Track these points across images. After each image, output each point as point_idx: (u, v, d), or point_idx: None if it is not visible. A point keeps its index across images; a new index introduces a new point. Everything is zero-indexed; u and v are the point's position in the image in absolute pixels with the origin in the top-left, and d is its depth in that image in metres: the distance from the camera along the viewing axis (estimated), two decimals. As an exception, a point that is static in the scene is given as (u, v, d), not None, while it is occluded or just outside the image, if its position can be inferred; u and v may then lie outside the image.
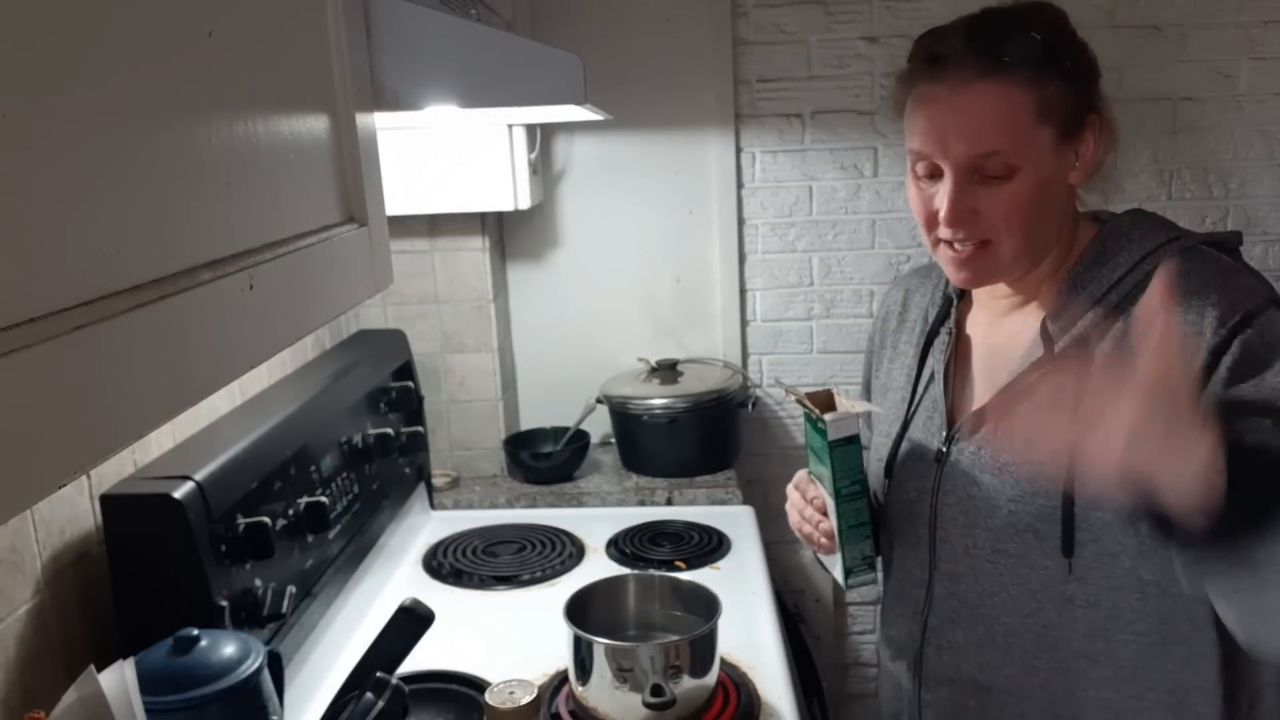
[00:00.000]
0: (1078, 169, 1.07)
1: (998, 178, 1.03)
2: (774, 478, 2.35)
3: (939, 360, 1.20)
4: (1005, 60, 1.01)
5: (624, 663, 1.20)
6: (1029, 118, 1.02)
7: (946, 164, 1.04)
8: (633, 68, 2.12)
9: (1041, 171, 1.04)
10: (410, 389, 1.81)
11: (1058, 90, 1.03)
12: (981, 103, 1.02)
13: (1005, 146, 1.02)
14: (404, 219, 1.96)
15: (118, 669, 0.82)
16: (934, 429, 1.17)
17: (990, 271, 1.10)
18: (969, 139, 1.02)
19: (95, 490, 1.08)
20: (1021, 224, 1.05)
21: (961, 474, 1.13)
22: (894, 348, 1.29)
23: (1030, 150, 1.03)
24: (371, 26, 0.84)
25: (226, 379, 0.54)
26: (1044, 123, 1.03)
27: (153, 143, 0.48)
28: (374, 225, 0.79)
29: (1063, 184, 1.07)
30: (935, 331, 1.22)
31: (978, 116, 1.02)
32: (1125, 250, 1.07)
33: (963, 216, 1.05)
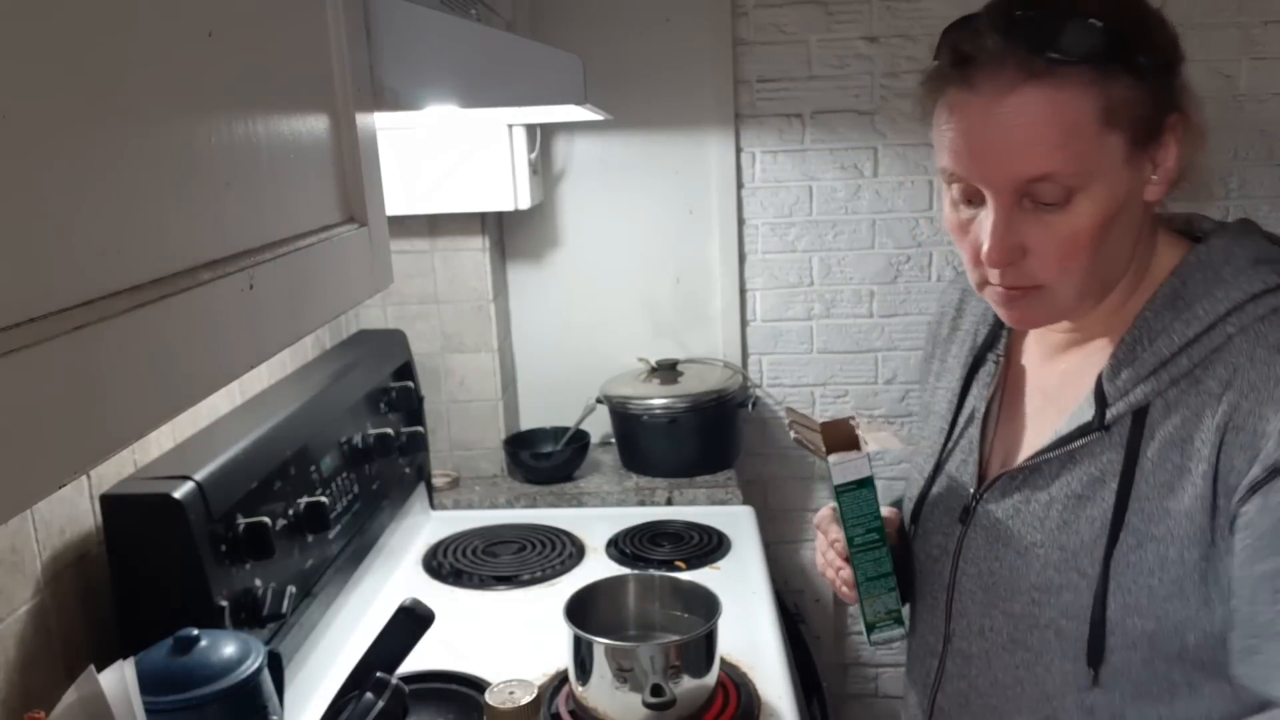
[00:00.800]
0: (1156, 182, 0.85)
1: (1052, 204, 0.82)
2: (774, 478, 2.35)
3: (981, 396, 1.02)
4: (1056, 57, 0.79)
5: (624, 663, 1.20)
6: (1091, 128, 0.80)
7: (988, 191, 0.83)
8: (633, 68, 2.12)
9: (1110, 193, 0.82)
10: (410, 389, 1.81)
11: (1128, 89, 0.80)
12: (1029, 114, 0.80)
13: (1063, 168, 0.80)
14: (404, 219, 1.96)
15: (118, 669, 0.82)
16: (966, 478, 1.00)
17: (1046, 316, 0.90)
18: (1015, 161, 0.81)
19: (95, 490, 1.08)
20: (1083, 262, 0.84)
21: (986, 541, 0.95)
22: (942, 361, 1.11)
23: (1094, 168, 0.81)
24: (371, 26, 0.84)
25: (226, 379, 0.54)
26: (1111, 131, 0.80)
27: (153, 143, 0.48)
28: (374, 225, 0.79)
29: (1136, 203, 0.85)
30: (982, 358, 1.04)
31: (1025, 132, 0.80)
32: (1209, 296, 0.84)
33: (1010, 254, 0.84)
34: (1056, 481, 0.90)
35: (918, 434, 1.13)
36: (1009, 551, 0.93)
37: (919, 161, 2.18)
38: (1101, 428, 0.87)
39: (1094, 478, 0.87)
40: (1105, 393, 0.87)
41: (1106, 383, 0.87)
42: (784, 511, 2.37)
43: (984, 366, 1.04)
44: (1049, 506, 0.90)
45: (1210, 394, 0.82)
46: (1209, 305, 0.84)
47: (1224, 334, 0.82)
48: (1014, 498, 0.93)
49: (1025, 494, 0.92)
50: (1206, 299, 0.84)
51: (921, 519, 1.06)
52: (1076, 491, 0.88)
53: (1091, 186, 0.81)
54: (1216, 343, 0.82)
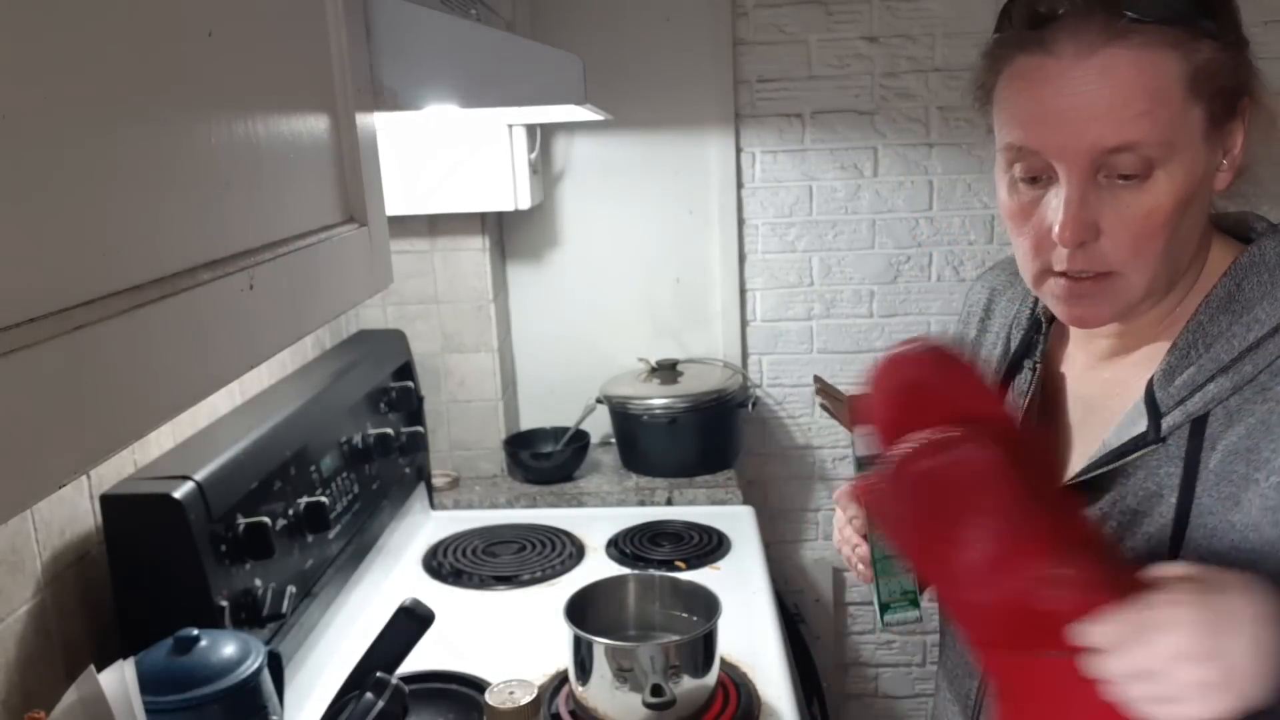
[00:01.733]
0: (1225, 169, 0.79)
1: (1129, 179, 0.76)
2: (774, 478, 2.35)
3: (1017, 404, 0.95)
4: (1143, 16, 0.74)
5: (624, 663, 1.20)
6: (1177, 95, 0.74)
7: (1063, 164, 0.77)
8: (633, 68, 2.12)
9: (1188, 171, 0.76)
10: (410, 389, 1.81)
11: (1211, 56, 0.75)
12: (1113, 78, 0.74)
13: (1147, 136, 0.74)
14: (404, 219, 1.96)
15: (118, 669, 0.82)
16: None
17: (1112, 310, 0.83)
18: (1097, 127, 0.75)
19: (95, 490, 1.08)
20: (1158, 245, 0.77)
21: None
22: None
23: (1176, 140, 0.75)
24: (371, 26, 0.84)
25: (226, 379, 0.54)
26: (1195, 101, 0.75)
27: (153, 143, 0.48)
28: (374, 225, 0.79)
29: (1207, 190, 0.79)
30: (1017, 364, 0.96)
31: (1109, 96, 0.74)
32: (1269, 298, 0.79)
33: (1085, 231, 0.77)
34: (1108, 496, 0.83)
35: None
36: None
37: (919, 161, 2.18)
38: (1158, 440, 0.80)
39: (1150, 492, 0.80)
40: (1158, 400, 0.80)
41: (1159, 389, 0.81)
42: (784, 511, 2.37)
43: (1019, 374, 0.96)
44: (1101, 521, 0.83)
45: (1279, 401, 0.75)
46: (1270, 308, 0.78)
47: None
48: None
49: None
50: (1267, 301, 0.79)
51: None
52: (1131, 507, 0.81)
53: (1171, 161, 0.75)
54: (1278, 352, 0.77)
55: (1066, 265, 0.80)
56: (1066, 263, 0.79)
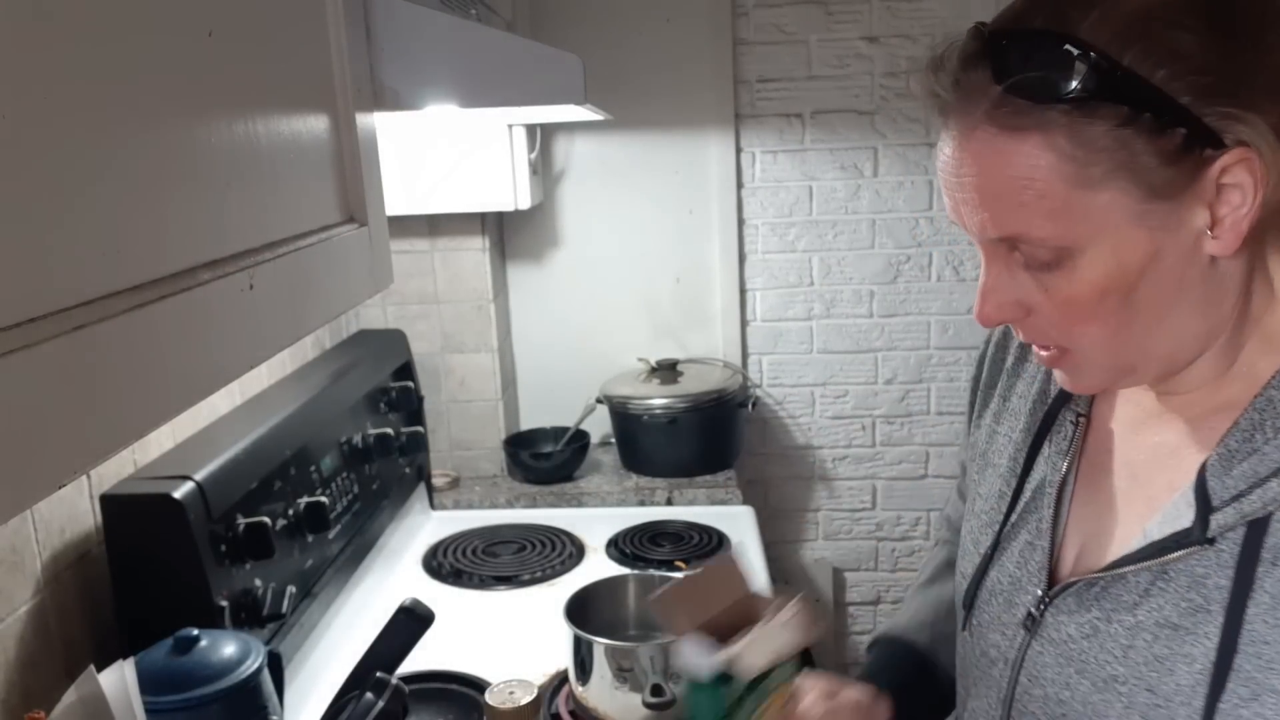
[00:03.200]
0: (1217, 236, 0.64)
1: (1046, 265, 0.67)
2: (774, 478, 2.35)
3: (1056, 464, 0.80)
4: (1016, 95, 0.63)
5: (624, 663, 1.20)
6: (1059, 186, 0.63)
7: (973, 238, 0.71)
8: (633, 68, 2.12)
9: (1116, 256, 0.65)
10: (410, 389, 1.81)
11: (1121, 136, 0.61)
12: (987, 162, 0.65)
13: (1029, 230, 0.65)
14: (404, 219, 1.96)
15: (118, 669, 0.82)
16: (1030, 571, 0.79)
17: (1098, 381, 0.74)
18: (981, 215, 0.67)
19: (95, 490, 1.08)
20: (1101, 329, 0.68)
21: (1056, 661, 0.75)
22: (1004, 399, 0.89)
23: (1076, 228, 0.64)
24: (371, 26, 0.84)
25: (226, 379, 0.54)
26: (1096, 189, 0.63)
27: (153, 143, 0.48)
28: (374, 225, 0.79)
29: (1186, 264, 0.65)
30: (1055, 412, 0.82)
31: (984, 183, 0.66)
32: None
33: (1004, 312, 0.70)
34: (1146, 602, 0.70)
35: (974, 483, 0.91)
36: (1083, 681, 0.73)
37: (919, 161, 2.18)
38: (1204, 541, 0.67)
39: (1194, 605, 0.67)
40: (1209, 491, 0.67)
41: (1212, 478, 0.67)
42: (784, 511, 2.37)
43: (1056, 425, 0.81)
44: (1135, 633, 0.70)
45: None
46: None
47: None
48: (1092, 612, 0.73)
49: (1105, 610, 0.72)
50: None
51: (977, 608, 0.84)
52: (1171, 620, 0.68)
53: (1088, 249, 0.65)
54: None
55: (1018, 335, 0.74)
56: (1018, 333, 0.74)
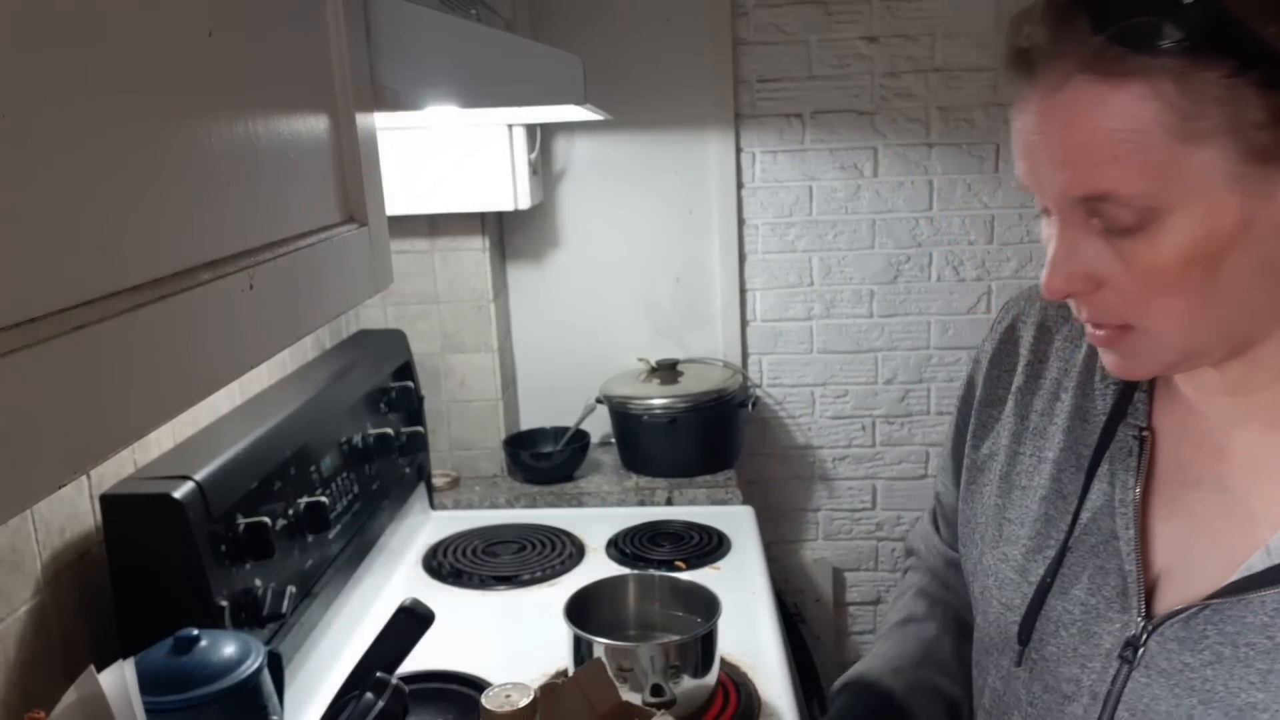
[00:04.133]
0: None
1: (1128, 229, 0.63)
2: (774, 478, 2.35)
3: (1124, 483, 0.75)
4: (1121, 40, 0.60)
5: (624, 663, 1.20)
6: (1163, 138, 0.60)
7: (1049, 206, 0.67)
8: (633, 68, 2.12)
9: (1206, 222, 0.62)
10: (410, 389, 1.81)
11: (1228, 90, 0.59)
12: (1082, 114, 0.62)
13: (1121, 187, 0.62)
14: (404, 219, 1.96)
15: (118, 669, 0.82)
16: (1112, 597, 0.74)
17: (1154, 365, 0.70)
18: (1066, 172, 0.64)
19: (95, 490, 1.08)
20: (1180, 304, 0.64)
21: (1170, 692, 0.69)
22: (1021, 418, 0.84)
23: (1173, 189, 0.61)
24: (371, 26, 0.84)
25: (226, 379, 0.54)
26: (1197, 145, 0.60)
27: (153, 143, 0.48)
28: (374, 225, 0.79)
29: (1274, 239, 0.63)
30: (1111, 429, 0.77)
31: (1072, 140, 0.63)
32: None
33: (1072, 283, 0.67)
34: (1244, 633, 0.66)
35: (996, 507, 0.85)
36: (1211, 711, 0.67)
37: (919, 161, 2.18)
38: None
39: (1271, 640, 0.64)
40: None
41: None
42: (784, 511, 2.37)
43: (1115, 442, 0.77)
44: (1275, 656, 0.65)
45: None
46: None
47: None
48: (1212, 635, 0.68)
49: (1228, 635, 0.67)
50: None
51: (1036, 640, 0.78)
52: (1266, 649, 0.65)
53: (1176, 211, 0.62)
54: None
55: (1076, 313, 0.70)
56: (1077, 312, 0.70)
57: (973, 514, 0.88)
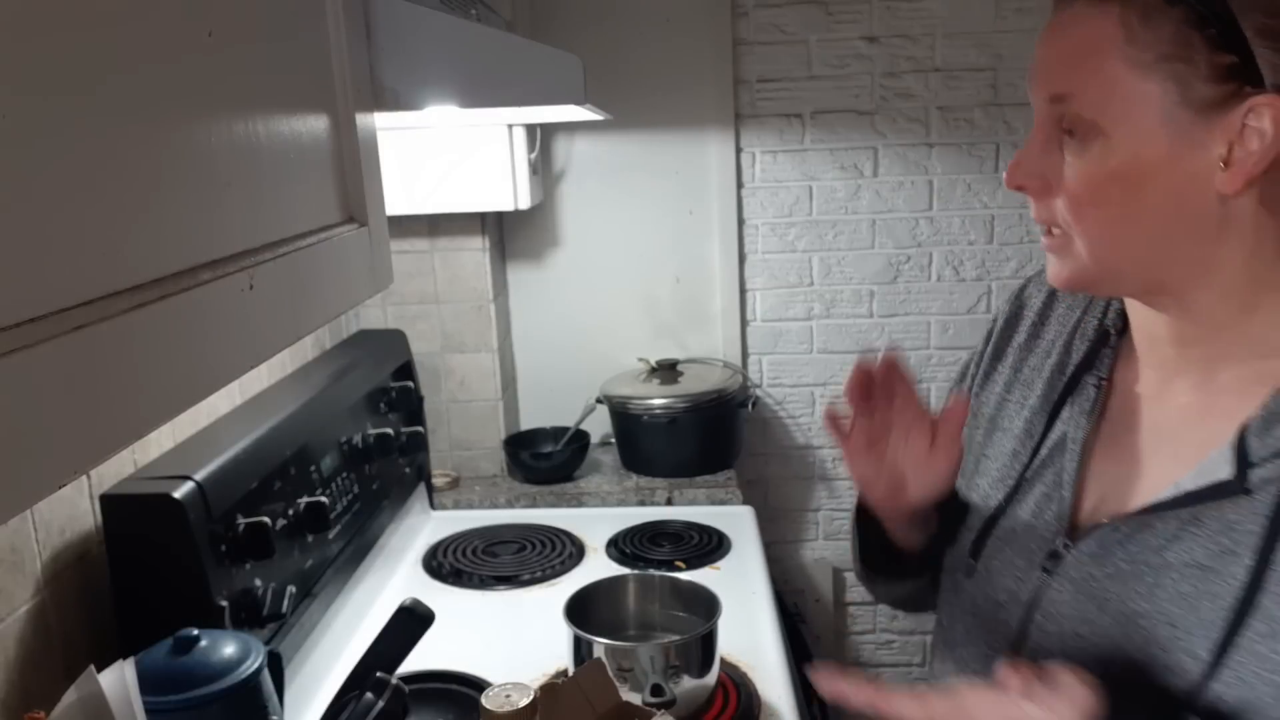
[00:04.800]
0: (1230, 170, 0.71)
1: (1075, 133, 0.75)
2: (774, 478, 2.35)
3: (1077, 424, 0.86)
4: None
5: (624, 663, 1.20)
6: (1116, 60, 0.72)
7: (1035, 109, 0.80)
8: (633, 68, 2.12)
9: (1135, 147, 0.72)
10: (410, 389, 1.81)
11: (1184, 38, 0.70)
12: (1064, 27, 0.76)
13: (1078, 90, 0.74)
14: (404, 219, 1.96)
15: (118, 669, 0.82)
16: (1050, 520, 0.85)
17: (1066, 272, 0.80)
18: (1044, 74, 0.77)
19: (95, 490, 1.08)
20: (1098, 216, 0.75)
21: (1074, 598, 0.80)
22: (1016, 370, 0.96)
23: (1116, 107, 0.72)
24: (371, 26, 0.84)
25: (226, 379, 0.54)
26: (1145, 77, 0.71)
27: (153, 143, 0.48)
28: (374, 225, 0.79)
29: (1194, 187, 0.73)
30: (1077, 379, 0.89)
31: (1057, 46, 0.77)
32: None
33: (1030, 180, 0.78)
34: (1175, 545, 0.75)
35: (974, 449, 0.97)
36: (1104, 617, 0.78)
37: (919, 161, 2.18)
38: (1243, 491, 0.72)
39: (1224, 549, 0.72)
40: (1249, 449, 0.72)
41: (1253, 436, 0.72)
42: (784, 511, 2.37)
43: (1079, 389, 0.88)
44: (1162, 573, 0.75)
45: None
46: None
47: None
48: (1117, 553, 0.78)
49: (1133, 550, 0.77)
50: None
51: (985, 556, 0.90)
52: (1200, 561, 0.73)
53: (1113, 133, 0.73)
54: None
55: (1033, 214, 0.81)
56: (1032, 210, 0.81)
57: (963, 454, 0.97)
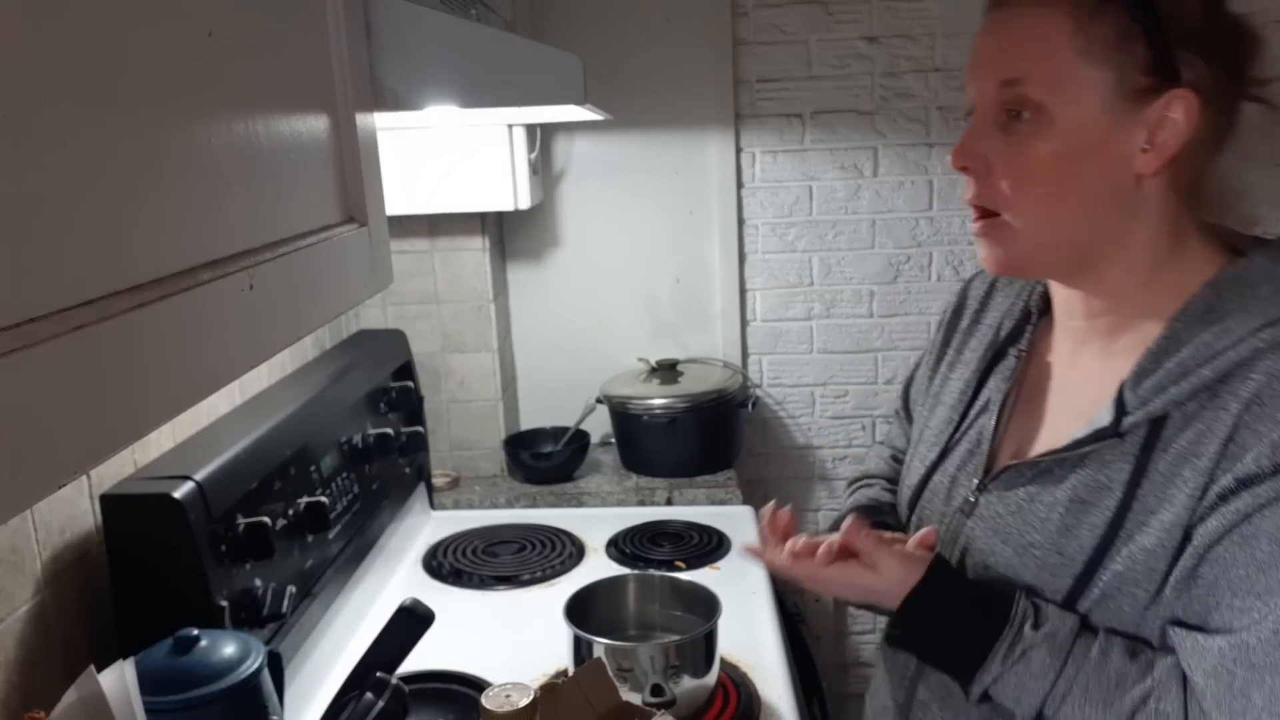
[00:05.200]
0: (1148, 155, 0.83)
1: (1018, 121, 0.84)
2: (774, 478, 2.35)
3: (998, 388, 1.00)
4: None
5: (624, 663, 1.20)
6: (1067, 49, 0.82)
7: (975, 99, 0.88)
8: (633, 68, 2.12)
9: (1077, 129, 0.83)
10: (410, 389, 1.81)
11: (1113, 31, 0.81)
12: (1014, 21, 0.85)
13: (1030, 74, 0.83)
14: (404, 219, 1.96)
15: (118, 669, 0.82)
16: (970, 470, 0.99)
17: (1002, 255, 0.89)
18: (995, 62, 0.86)
19: (95, 490, 1.08)
20: (1038, 194, 0.85)
21: (986, 535, 0.93)
22: (959, 352, 1.09)
23: (1063, 92, 0.82)
24: (371, 26, 0.84)
25: (226, 379, 0.54)
26: (1090, 65, 0.82)
27: (153, 143, 0.48)
28: (374, 225, 0.79)
29: (1121, 170, 0.84)
30: (1003, 351, 1.02)
31: (1006, 36, 0.86)
32: (1242, 311, 0.82)
33: (973, 160, 0.87)
34: (1063, 484, 0.88)
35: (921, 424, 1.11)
36: (1006, 549, 0.91)
37: (919, 161, 2.18)
38: (1116, 434, 0.85)
39: (1101, 484, 0.85)
40: (1125, 401, 0.85)
41: (1128, 391, 0.85)
42: (784, 511, 2.36)
43: (1004, 360, 1.02)
44: (1052, 508, 0.88)
45: (1224, 408, 0.80)
46: (1242, 320, 0.81)
47: (1251, 349, 0.80)
48: (1018, 493, 0.92)
49: (1031, 490, 0.91)
50: (1240, 314, 0.82)
51: (920, 506, 1.04)
52: (1082, 496, 0.86)
53: (1059, 115, 0.82)
54: (1242, 357, 0.80)
55: (968, 195, 0.89)
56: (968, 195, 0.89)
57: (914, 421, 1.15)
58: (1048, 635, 0.85)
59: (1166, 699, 0.80)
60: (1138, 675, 0.82)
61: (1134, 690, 0.81)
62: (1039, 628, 0.85)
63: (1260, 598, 0.75)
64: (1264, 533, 0.76)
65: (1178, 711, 0.79)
